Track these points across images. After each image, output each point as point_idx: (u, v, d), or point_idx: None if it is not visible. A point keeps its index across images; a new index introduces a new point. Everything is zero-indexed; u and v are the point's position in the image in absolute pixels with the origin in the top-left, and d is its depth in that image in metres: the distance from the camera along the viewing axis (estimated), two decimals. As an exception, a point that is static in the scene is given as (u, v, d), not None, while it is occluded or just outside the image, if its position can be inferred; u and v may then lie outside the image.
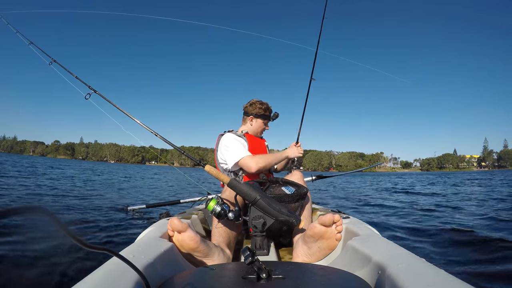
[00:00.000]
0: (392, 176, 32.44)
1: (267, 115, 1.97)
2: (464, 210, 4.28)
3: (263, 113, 1.95)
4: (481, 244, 2.32)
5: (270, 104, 2.02)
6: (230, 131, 1.92)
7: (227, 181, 1.25)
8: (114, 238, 2.60)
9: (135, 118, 1.91)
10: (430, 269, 0.67)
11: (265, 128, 2.01)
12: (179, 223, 1.01)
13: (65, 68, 2.15)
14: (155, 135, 1.85)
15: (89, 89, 2.00)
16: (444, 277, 0.62)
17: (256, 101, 1.98)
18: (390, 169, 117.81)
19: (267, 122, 2.01)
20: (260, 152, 1.89)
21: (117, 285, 0.61)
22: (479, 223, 3.18)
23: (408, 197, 6.78)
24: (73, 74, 2.12)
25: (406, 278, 0.62)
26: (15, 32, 2.47)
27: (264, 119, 1.98)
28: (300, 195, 1.32)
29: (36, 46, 2.33)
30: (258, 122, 1.96)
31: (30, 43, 2.37)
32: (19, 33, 2.45)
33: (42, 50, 2.28)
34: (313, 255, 1.11)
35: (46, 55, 2.24)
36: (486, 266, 1.87)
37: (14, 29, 2.48)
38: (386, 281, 0.68)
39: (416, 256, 0.77)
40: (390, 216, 3.93)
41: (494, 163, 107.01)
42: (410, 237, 2.68)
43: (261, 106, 1.95)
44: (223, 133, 1.91)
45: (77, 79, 2.10)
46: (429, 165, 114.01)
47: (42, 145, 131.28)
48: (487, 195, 6.60)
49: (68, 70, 2.13)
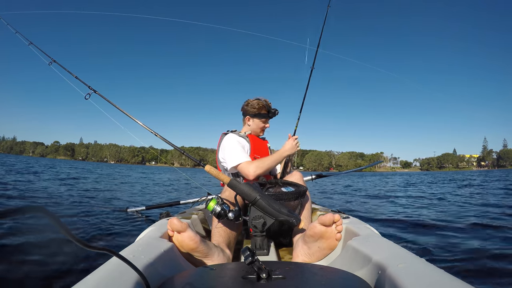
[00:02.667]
0: (396, 176, 32.45)
1: (263, 113, 1.90)
2: (466, 209, 4.28)
3: (258, 112, 1.89)
4: (480, 243, 2.32)
5: (272, 101, 1.95)
6: (233, 131, 1.91)
7: (227, 181, 1.25)
8: (113, 239, 2.60)
9: (135, 118, 1.91)
10: (430, 269, 0.66)
11: (265, 126, 1.95)
12: (178, 223, 1.01)
13: (65, 68, 2.14)
14: (155, 135, 1.85)
15: (89, 89, 2.00)
16: (444, 277, 0.62)
17: (252, 100, 1.92)
18: (390, 168, 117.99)
19: (266, 120, 1.94)
20: (262, 155, 1.86)
21: (117, 285, 0.61)
22: (480, 223, 3.19)
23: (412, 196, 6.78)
24: (73, 74, 2.12)
25: (406, 278, 0.62)
26: (14, 33, 2.47)
27: (261, 117, 1.91)
28: (299, 193, 1.32)
29: (36, 46, 2.33)
30: (255, 121, 1.92)
31: (30, 43, 2.37)
32: (18, 33, 2.45)
33: (41, 50, 2.28)
34: (313, 255, 1.11)
35: (46, 55, 2.24)
36: (486, 266, 1.87)
37: (13, 29, 2.48)
38: (386, 281, 0.68)
39: (416, 256, 0.77)
40: (391, 216, 3.93)
41: (493, 163, 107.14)
42: (410, 237, 2.68)
43: (256, 105, 1.89)
44: (226, 132, 1.89)
45: (77, 79, 2.10)
46: (429, 164, 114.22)
47: (41, 146, 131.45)
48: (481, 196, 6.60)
49: (68, 70, 2.13)
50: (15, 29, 2.48)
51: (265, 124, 1.95)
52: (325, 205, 3.61)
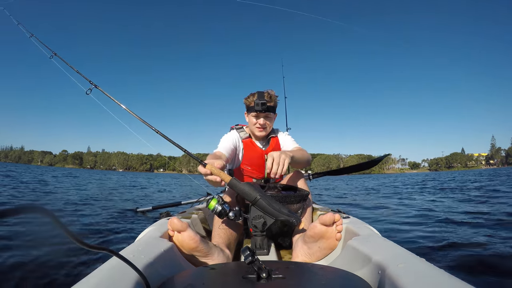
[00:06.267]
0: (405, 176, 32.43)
1: (251, 107, 1.65)
2: (467, 208, 4.28)
3: (248, 105, 1.68)
4: (481, 243, 2.32)
5: None
6: (239, 128, 1.82)
7: (228, 181, 1.25)
8: (116, 238, 2.62)
9: (136, 114, 1.89)
10: (430, 269, 0.66)
11: (257, 122, 1.68)
12: (179, 223, 1.01)
13: (66, 62, 2.11)
14: (156, 132, 1.82)
15: (90, 84, 1.98)
16: (444, 277, 0.62)
17: (252, 92, 1.72)
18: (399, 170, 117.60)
19: (257, 115, 1.67)
20: (254, 167, 1.73)
21: (117, 285, 0.61)
22: (480, 222, 3.18)
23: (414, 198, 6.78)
24: (74, 68, 2.10)
25: (406, 278, 0.62)
26: (17, 24, 2.45)
27: (250, 111, 1.68)
28: (302, 197, 1.31)
29: (37, 39, 2.31)
30: (249, 117, 1.72)
31: (32, 35, 2.35)
32: (21, 24, 2.43)
33: (43, 43, 2.25)
34: (313, 255, 1.11)
35: (48, 48, 2.22)
36: (486, 266, 1.87)
37: (16, 21, 2.46)
38: (386, 281, 0.68)
39: (416, 256, 0.77)
40: (391, 216, 3.93)
41: (502, 161, 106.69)
42: (410, 237, 2.68)
43: (250, 97, 1.68)
44: (233, 127, 1.85)
45: (78, 74, 2.07)
46: (437, 165, 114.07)
47: (50, 155, 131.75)
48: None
49: (69, 64, 2.10)
50: (17, 20, 2.47)
51: (257, 120, 1.68)
52: (325, 204, 3.61)
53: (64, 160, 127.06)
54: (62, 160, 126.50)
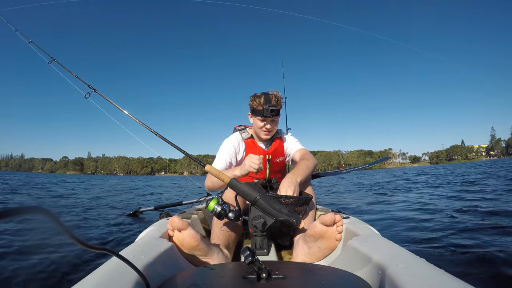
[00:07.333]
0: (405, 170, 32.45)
1: (258, 110, 1.60)
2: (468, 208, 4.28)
3: (254, 107, 1.62)
4: (481, 243, 2.32)
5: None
6: (242, 129, 1.81)
7: (227, 181, 1.25)
8: (116, 238, 2.63)
9: (134, 117, 1.89)
10: (430, 269, 0.66)
11: (264, 126, 1.64)
12: (179, 221, 1.01)
13: (64, 67, 2.13)
14: (155, 134, 1.83)
15: (88, 88, 1.99)
16: (444, 277, 0.62)
17: (257, 94, 1.67)
18: (400, 164, 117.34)
19: (265, 119, 1.62)
20: None
21: (117, 285, 0.61)
22: (481, 222, 3.18)
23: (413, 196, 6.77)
24: (73, 73, 2.11)
25: (406, 278, 0.62)
26: (14, 31, 2.46)
27: (257, 115, 1.62)
28: (305, 200, 1.30)
29: (35, 45, 2.32)
30: (254, 120, 1.67)
31: (30, 41, 2.36)
32: (18, 31, 2.44)
33: (41, 48, 2.27)
34: (313, 255, 1.11)
35: (46, 54, 2.23)
36: (486, 266, 1.87)
37: (13, 27, 2.47)
38: (386, 281, 0.68)
39: (416, 256, 0.77)
40: (391, 216, 3.93)
41: (502, 152, 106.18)
42: (410, 237, 2.68)
43: (256, 99, 1.62)
44: (237, 127, 1.85)
45: (76, 78, 2.09)
46: (438, 158, 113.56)
47: (50, 162, 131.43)
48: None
49: (67, 69, 2.12)
50: (15, 27, 2.47)
51: (264, 124, 1.64)
52: (326, 204, 3.61)
53: (65, 166, 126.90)
54: (63, 167, 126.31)
